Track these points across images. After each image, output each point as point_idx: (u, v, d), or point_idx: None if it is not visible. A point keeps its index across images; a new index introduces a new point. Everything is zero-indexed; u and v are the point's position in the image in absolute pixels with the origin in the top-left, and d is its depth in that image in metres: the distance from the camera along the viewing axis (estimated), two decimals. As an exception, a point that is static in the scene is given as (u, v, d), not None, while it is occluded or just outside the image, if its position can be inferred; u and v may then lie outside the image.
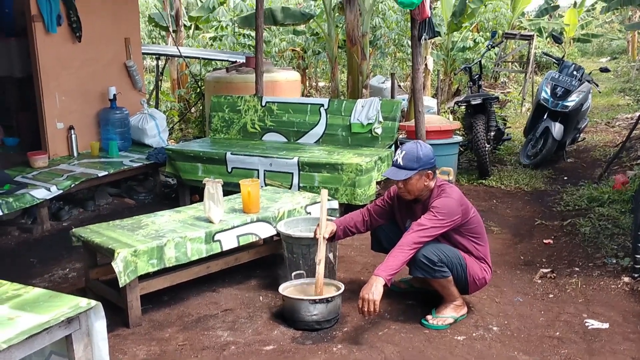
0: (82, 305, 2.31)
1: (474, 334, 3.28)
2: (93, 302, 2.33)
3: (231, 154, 5.54)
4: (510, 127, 9.15)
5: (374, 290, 3.04)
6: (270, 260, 4.31)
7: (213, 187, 3.79)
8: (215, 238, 3.69)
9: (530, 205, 5.96)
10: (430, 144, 3.56)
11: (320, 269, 3.40)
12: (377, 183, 5.32)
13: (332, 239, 3.60)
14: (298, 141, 6.11)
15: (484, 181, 6.77)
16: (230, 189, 4.82)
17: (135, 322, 3.43)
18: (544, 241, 4.83)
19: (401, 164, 3.30)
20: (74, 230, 3.76)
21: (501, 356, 3.05)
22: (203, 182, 3.85)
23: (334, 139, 5.94)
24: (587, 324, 3.36)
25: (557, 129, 7.29)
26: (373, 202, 3.69)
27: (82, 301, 2.34)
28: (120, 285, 3.30)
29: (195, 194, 5.89)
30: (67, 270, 4.42)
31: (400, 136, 5.95)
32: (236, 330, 3.33)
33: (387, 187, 6.44)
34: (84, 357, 2.35)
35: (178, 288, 3.76)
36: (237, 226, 3.82)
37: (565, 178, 6.97)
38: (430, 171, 3.32)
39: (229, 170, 5.53)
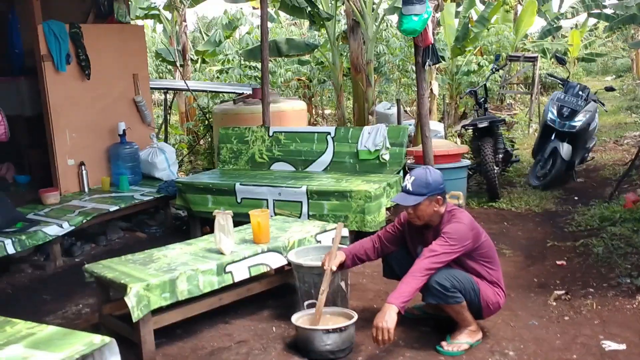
0: (96, 342, 2.32)
1: (490, 360, 3.25)
2: (107, 339, 2.34)
3: (240, 184, 5.57)
4: (518, 149, 9.14)
5: (388, 319, 3.02)
6: (282, 290, 4.29)
7: (223, 218, 3.80)
8: (227, 269, 3.70)
9: (542, 226, 5.93)
10: (438, 169, 3.58)
11: (322, 299, 3.39)
12: (387, 209, 5.32)
13: (341, 267, 3.59)
14: (306, 170, 6.13)
15: (494, 204, 6.75)
16: (240, 220, 4.83)
17: (149, 357, 3.42)
18: (557, 262, 4.80)
19: (410, 189, 3.31)
20: (86, 266, 3.78)
21: (518, 381, 3.01)
22: (213, 213, 3.87)
23: (342, 167, 5.97)
24: (604, 346, 3.32)
25: (565, 149, 7.28)
26: (383, 229, 3.69)
27: (96, 338, 2.35)
28: (134, 320, 3.31)
29: (206, 225, 5.91)
30: (81, 306, 4.43)
31: (408, 161, 5.97)
32: (250, 362, 3.32)
33: (397, 213, 6.44)
34: (98, 394, 2.35)
35: (191, 321, 3.75)
36: (248, 257, 3.83)
37: (576, 198, 6.95)
38: (439, 196, 3.33)
39: (239, 200, 5.56)
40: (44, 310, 4.36)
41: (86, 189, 6.44)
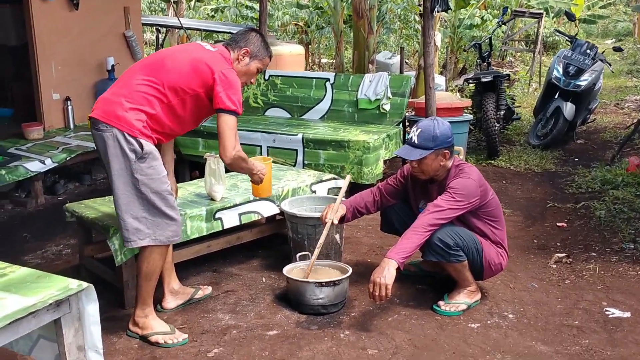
0: (72, 287, 2.12)
1: (488, 322, 3.11)
2: (84, 284, 2.14)
3: (233, 128, 5.33)
4: (519, 106, 8.91)
5: (386, 274, 2.85)
6: (273, 240, 4.11)
7: (214, 162, 3.58)
8: (217, 216, 3.50)
9: (541, 186, 5.77)
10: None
11: (316, 253, 3.21)
12: (384, 162, 5.12)
13: (341, 221, 3.41)
14: (302, 117, 5.91)
15: (492, 161, 6.58)
16: None
17: (132, 303, 3.23)
18: (558, 224, 4.65)
19: (416, 142, 3.09)
20: (67, 205, 3.57)
21: (518, 346, 2.88)
22: (204, 157, 3.64)
23: (340, 115, 5.74)
24: (607, 313, 3.19)
25: (568, 109, 7.08)
26: (384, 181, 3.49)
27: (73, 282, 2.15)
28: (117, 264, 3.12)
29: (195, 169, 5.69)
30: (61, 246, 4.24)
31: (408, 114, 5.75)
32: (238, 314, 3.16)
33: (395, 166, 6.26)
34: (74, 343, 2.17)
35: (177, 267, 3.56)
36: (239, 204, 3.62)
37: (576, 159, 6.79)
38: (447, 151, 3.12)
39: (231, 145, 5.32)
40: (23, 249, 4.17)
41: (71, 125, 6.17)
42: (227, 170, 3.76)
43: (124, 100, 2.73)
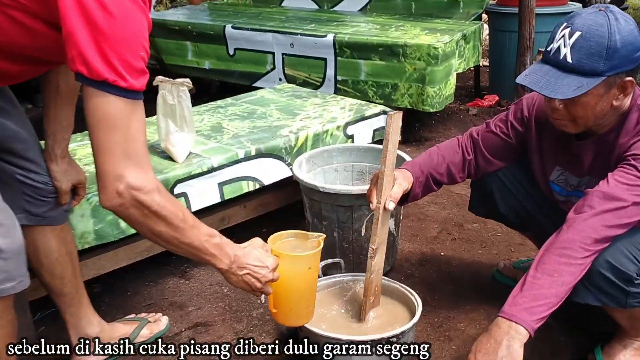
0: None
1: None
2: None
3: (232, 27, 3.77)
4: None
5: (506, 355, 1.31)
6: (282, 211, 2.54)
7: (173, 94, 2.02)
8: (177, 190, 1.99)
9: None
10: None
11: (377, 264, 1.66)
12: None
13: (402, 201, 1.79)
14: (334, 8, 4.39)
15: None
16: (233, 82, 3.53)
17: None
18: None
19: (569, 60, 1.42)
20: None
21: None
22: (155, 82, 2.05)
23: (389, 5, 4.19)
24: None
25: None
26: (483, 126, 1.85)
27: None
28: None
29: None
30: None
31: (492, 1, 4.05)
32: (207, 390, 1.69)
33: (465, 79, 4.56)
34: None
35: (118, 275, 2.10)
36: (220, 167, 2.08)
37: None
38: (628, 78, 1.45)
39: (231, 52, 3.76)
40: None
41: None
42: (222, 89, 2.22)
43: None
